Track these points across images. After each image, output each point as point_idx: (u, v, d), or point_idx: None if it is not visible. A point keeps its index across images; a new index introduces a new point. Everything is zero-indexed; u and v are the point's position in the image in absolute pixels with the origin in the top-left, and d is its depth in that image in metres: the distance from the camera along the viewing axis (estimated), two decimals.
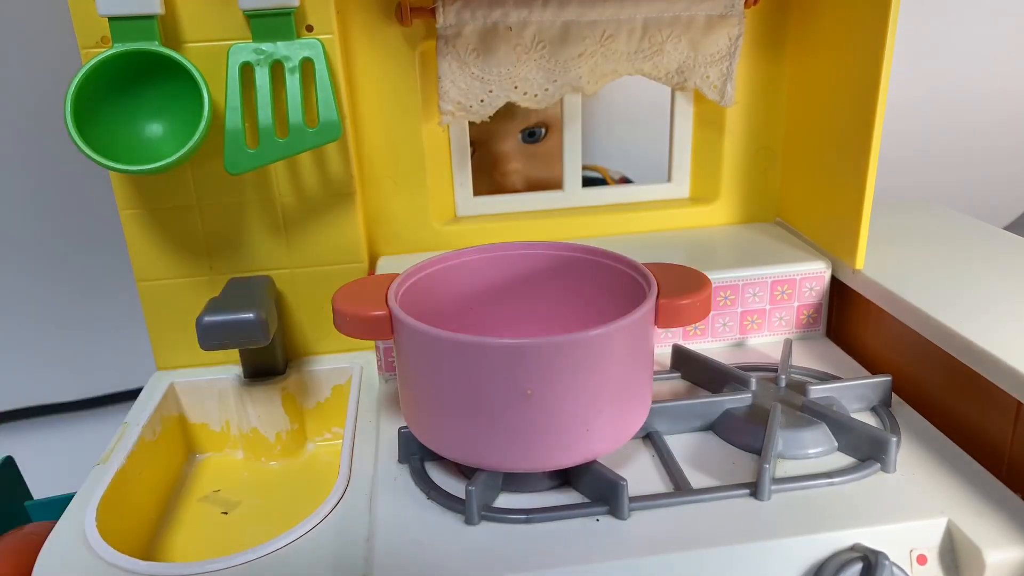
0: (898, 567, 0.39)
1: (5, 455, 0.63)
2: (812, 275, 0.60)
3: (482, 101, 0.60)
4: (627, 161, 0.90)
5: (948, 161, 1.02)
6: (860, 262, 0.57)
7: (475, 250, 0.51)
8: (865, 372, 0.57)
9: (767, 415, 0.48)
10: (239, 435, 0.60)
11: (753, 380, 0.52)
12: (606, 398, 0.41)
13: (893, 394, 0.52)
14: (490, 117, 0.61)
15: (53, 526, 0.45)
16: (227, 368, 0.60)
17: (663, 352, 0.59)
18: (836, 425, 0.47)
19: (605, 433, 0.42)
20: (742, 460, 0.47)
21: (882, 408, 0.52)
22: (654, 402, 0.47)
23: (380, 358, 0.58)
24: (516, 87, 0.60)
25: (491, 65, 0.59)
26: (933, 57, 0.96)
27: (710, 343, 0.61)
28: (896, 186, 0.85)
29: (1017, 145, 1.03)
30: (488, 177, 0.77)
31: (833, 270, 0.60)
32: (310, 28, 0.54)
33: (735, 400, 0.50)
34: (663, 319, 0.43)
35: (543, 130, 0.79)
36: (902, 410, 0.52)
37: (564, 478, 0.45)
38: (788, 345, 0.57)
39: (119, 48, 0.50)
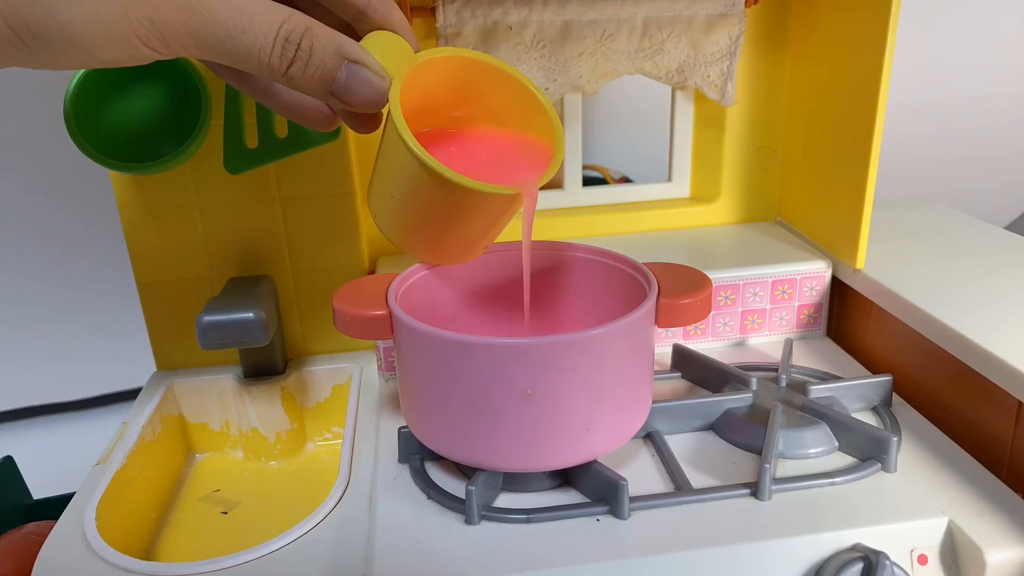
0: (899, 567, 0.39)
1: (5, 455, 0.63)
2: (812, 275, 0.60)
3: None
4: (627, 161, 0.90)
5: (948, 163, 1.02)
6: (861, 262, 0.57)
7: None
8: (866, 372, 0.57)
9: (767, 415, 0.48)
10: (239, 435, 0.59)
11: (753, 380, 0.51)
12: (606, 398, 0.41)
13: (894, 394, 0.52)
14: None
15: (53, 526, 0.45)
16: (227, 368, 0.60)
17: (663, 352, 0.59)
18: (837, 425, 0.47)
19: (605, 433, 0.42)
20: (742, 460, 0.47)
21: (883, 408, 0.51)
22: (654, 402, 0.47)
23: (380, 358, 0.58)
24: None
25: None
26: (934, 59, 0.96)
27: (710, 343, 0.61)
28: (896, 188, 0.85)
29: (1018, 149, 1.03)
30: None
31: (834, 269, 0.60)
32: None
33: (735, 400, 0.50)
34: (663, 319, 0.43)
35: None
36: (903, 410, 0.52)
37: (564, 478, 0.45)
38: (788, 345, 0.57)
39: None
